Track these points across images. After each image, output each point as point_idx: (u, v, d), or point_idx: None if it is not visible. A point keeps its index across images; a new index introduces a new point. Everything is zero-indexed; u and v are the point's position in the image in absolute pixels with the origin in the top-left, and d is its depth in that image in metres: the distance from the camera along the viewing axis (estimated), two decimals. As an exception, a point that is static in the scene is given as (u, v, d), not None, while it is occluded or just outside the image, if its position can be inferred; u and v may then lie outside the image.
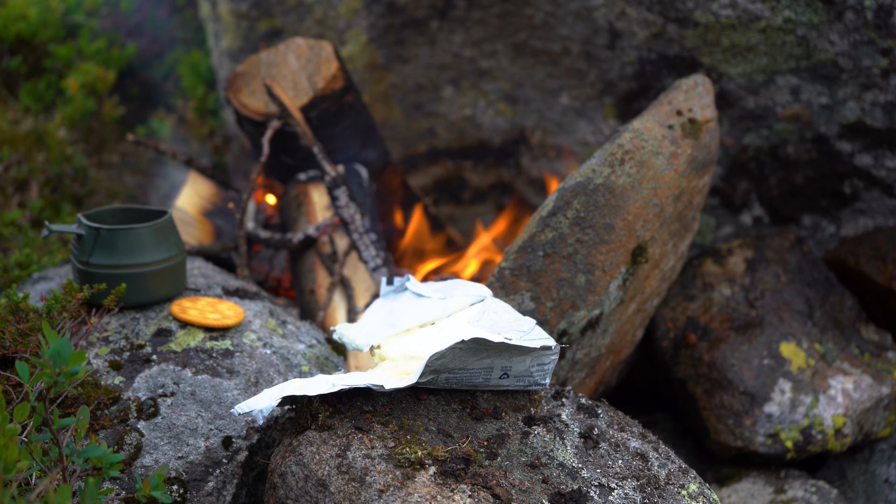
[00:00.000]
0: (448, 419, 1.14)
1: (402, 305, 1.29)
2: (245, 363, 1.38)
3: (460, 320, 1.24)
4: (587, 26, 2.06)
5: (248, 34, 2.33)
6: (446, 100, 2.32)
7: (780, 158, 2.06)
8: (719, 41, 1.93)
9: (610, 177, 1.48)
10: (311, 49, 1.96)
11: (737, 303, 1.88)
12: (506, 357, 1.14)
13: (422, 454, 1.07)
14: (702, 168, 1.66)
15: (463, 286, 1.32)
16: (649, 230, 1.55)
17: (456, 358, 1.11)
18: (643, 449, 1.17)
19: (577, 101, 2.20)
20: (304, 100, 1.91)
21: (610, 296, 1.53)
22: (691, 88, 1.67)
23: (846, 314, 1.93)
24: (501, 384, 1.18)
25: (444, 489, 1.04)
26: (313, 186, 1.96)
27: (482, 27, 2.17)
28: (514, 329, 1.20)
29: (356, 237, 1.86)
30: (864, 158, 1.99)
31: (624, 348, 1.76)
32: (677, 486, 1.13)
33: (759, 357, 1.80)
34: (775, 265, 1.94)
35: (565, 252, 1.46)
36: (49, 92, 2.57)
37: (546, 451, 1.13)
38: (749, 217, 2.18)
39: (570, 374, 1.57)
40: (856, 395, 1.79)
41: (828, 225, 2.13)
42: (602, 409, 1.24)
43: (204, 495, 1.22)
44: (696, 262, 1.96)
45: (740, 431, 1.75)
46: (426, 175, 2.44)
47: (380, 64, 2.29)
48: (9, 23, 2.56)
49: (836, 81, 1.90)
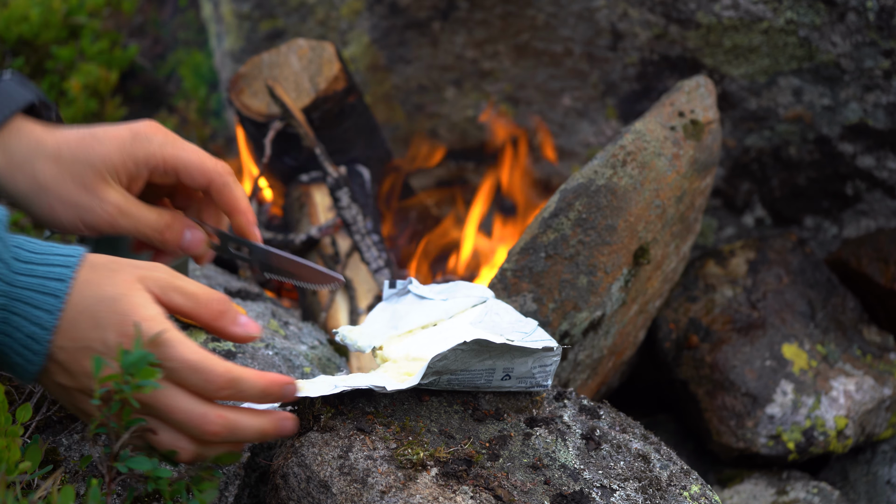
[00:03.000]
0: (450, 420, 1.15)
1: (404, 308, 1.29)
2: (247, 364, 1.38)
3: (462, 322, 1.24)
4: (589, 27, 2.06)
5: (250, 35, 2.33)
6: (448, 101, 2.32)
7: (782, 160, 2.06)
8: (721, 42, 1.93)
9: (612, 178, 1.48)
10: (313, 50, 1.96)
11: (739, 304, 1.88)
12: (507, 358, 1.14)
13: (424, 455, 1.07)
14: (704, 169, 1.66)
15: (465, 287, 1.32)
16: (651, 231, 1.55)
17: (458, 359, 1.11)
18: (645, 450, 1.17)
19: (579, 103, 2.20)
20: (307, 101, 1.91)
21: (612, 297, 1.53)
22: (693, 90, 1.67)
23: (848, 315, 1.93)
24: (503, 385, 1.18)
25: (446, 490, 1.04)
26: (315, 187, 1.96)
27: (484, 28, 2.17)
28: (516, 330, 1.20)
29: (358, 238, 1.87)
30: (866, 160, 1.99)
31: (626, 350, 1.76)
32: (679, 487, 1.13)
33: (761, 358, 1.80)
34: (777, 266, 1.94)
35: (567, 253, 1.46)
36: (51, 93, 2.57)
37: (548, 453, 1.13)
38: (751, 218, 2.18)
39: (572, 376, 1.57)
40: (858, 396, 1.79)
41: (830, 226, 2.13)
42: (604, 410, 1.24)
43: (206, 496, 1.21)
44: (698, 264, 1.96)
45: (742, 433, 1.75)
46: (428, 176, 2.44)
47: (382, 65, 2.29)
48: (11, 24, 2.57)
49: (839, 83, 1.90)
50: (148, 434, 0.94)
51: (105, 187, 1.07)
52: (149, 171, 1.11)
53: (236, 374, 0.95)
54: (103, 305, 0.92)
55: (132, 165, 1.09)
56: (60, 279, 0.91)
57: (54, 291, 0.91)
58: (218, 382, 0.94)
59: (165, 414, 0.93)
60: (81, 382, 0.92)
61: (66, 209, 1.07)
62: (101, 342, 0.91)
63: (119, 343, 0.90)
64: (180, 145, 1.12)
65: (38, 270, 0.92)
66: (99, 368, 0.88)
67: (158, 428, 0.94)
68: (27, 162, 1.06)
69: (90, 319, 0.91)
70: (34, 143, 1.07)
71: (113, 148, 1.08)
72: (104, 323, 0.91)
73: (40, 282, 0.91)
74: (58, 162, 1.06)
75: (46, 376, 0.94)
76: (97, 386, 0.88)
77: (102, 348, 0.91)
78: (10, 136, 1.06)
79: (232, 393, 0.95)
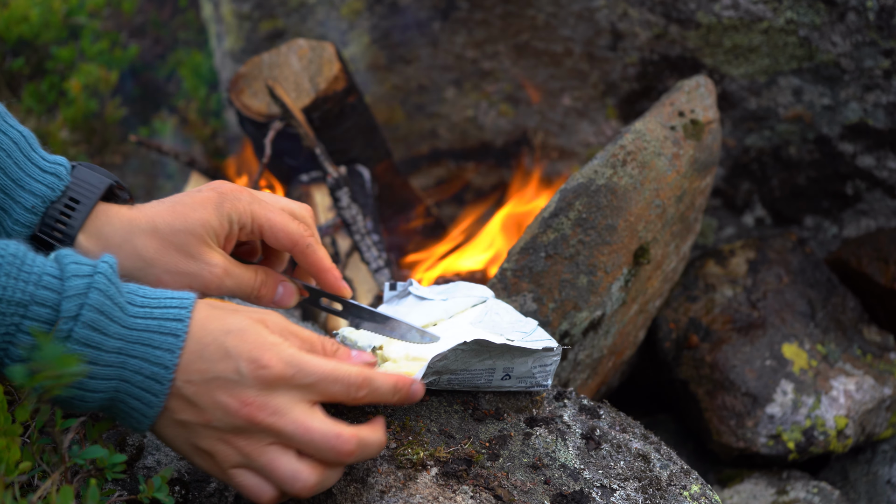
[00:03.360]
0: (450, 420, 1.15)
1: (405, 309, 1.29)
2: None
3: (462, 322, 1.24)
4: (589, 27, 2.06)
5: (250, 35, 2.33)
6: (448, 101, 2.32)
7: (782, 159, 2.06)
8: (721, 42, 1.92)
9: (612, 178, 1.48)
10: (313, 50, 1.96)
11: (739, 304, 1.88)
12: (507, 358, 1.14)
13: (424, 455, 1.07)
14: (704, 169, 1.66)
15: (465, 287, 1.32)
16: (651, 231, 1.55)
17: (458, 359, 1.11)
18: (645, 450, 1.17)
19: (580, 102, 2.20)
20: (307, 101, 1.91)
21: (612, 297, 1.53)
22: (693, 90, 1.67)
23: (848, 315, 1.93)
24: (503, 385, 1.18)
25: (446, 490, 1.04)
26: (315, 187, 1.96)
27: (484, 28, 2.17)
28: (516, 330, 1.20)
29: (358, 238, 1.87)
30: (866, 159, 1.99)
31: (626, 349, 1.76)
32: (679, 486, 1.13)
33: (761, 358, 1.80)
34: (777, 266, 1.94)
35: (567, 253, 1.46)
36: (51, 93, 2.57)
37: (548, 453, 1.13)
38: (751, 218, 2.18)
39: (572, 375, 1.57)
40: (858, 396, 1.78)
41: (830, 226, 2.13)
42: (604, 410, 1.24)
43: (206, 496, 1.22)
44: (698, 263, 1.95)
45: (742, 432, 1.75)
46: (428, 176, 2.44)
47: (382, 65, 2.29)
48: (11, 24, 2.57)
49: (838, 82, 1.90)
50: (269, 461, 0.96)
51: (209, 251, 1.10)
52: (239, 229, 1.14)
53: (368, 374, 0.99)
54: (231, 336, 0.94)
55: (227, 225, 1.12)
56: (178, 319, 0.94)
57: (174, 331, 0.93)
58: (357, 383, 0.97)
59: (300, 435, 0.95)
60: (210, 416, 0.93)
61: (175, 279, 1.09)
62: (235, 371, 0.93)
63: (252, 370, 0.93)
64: (265, 205, 1.15)
65: (155, 313, 0.94)
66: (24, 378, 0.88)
67: (279, 458, 0.95)
68: (126, 242, 1.08)
69: (218, 350, 0.93)
70: (126, 223, 1.09)
71: (208, 212, 1.11)
72: (234, 353, 0.93)
73: (158, 323, 0.93)
74: (156, 236, 1.09)
75: (165, 417, 0.95)
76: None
77: (236, 377, 0.93)
78: (98, 222, 1.09)
79: (368, 391, 0.98)
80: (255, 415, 0.93)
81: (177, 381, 0.93)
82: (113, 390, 0.93)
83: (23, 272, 0.89)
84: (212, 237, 1.11)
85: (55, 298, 0.89)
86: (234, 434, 0.94)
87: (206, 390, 0.93)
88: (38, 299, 0.89)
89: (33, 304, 0.89)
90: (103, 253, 1.04)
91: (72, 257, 0.92)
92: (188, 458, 0.98)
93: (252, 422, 0.93)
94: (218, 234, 1.11)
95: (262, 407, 0.93)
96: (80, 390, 0.91)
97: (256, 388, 0.93)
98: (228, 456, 0.95)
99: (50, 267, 0.91)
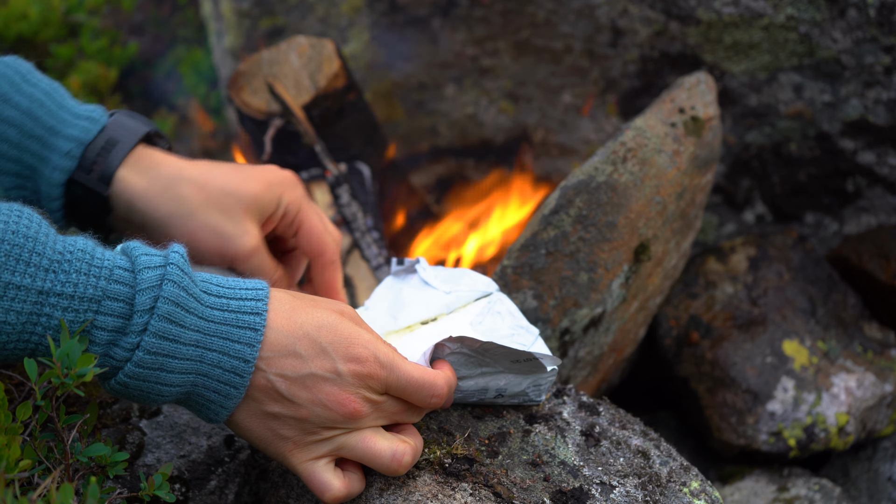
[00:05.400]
0: (449, 417, 1.14)
1: (407, 294, 1.27)
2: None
3: (462, 321, 1.23)
4: (589, 24, 2.06)
5: (250, 32, 2.33)
6: (448, 98, 2.32)
7: (782, 156, 2.06)
8: (721, 39, 1.92)
9: (612, 175, 1.48)
10: (312, 47, 1.96)
11: (739, 301, 1.88)
12: (502, 377, 1.14)
13: (423, 453, 1.07)
14: (704, 166, 1.66)
15: (469, 278, 1.30)
16: (652, 228, 1.55)
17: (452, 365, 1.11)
18: (645, 447, 1.17)
19: (580, 99, 2.20)
20: (306, 98, 1.91)
21: (612, 294, 1.53)
22: (694, 86, 1.67)
23: (849, 312, 1.93)
24: (496, 402, 1.18)
25: (446, 488, 1.04)
26: (315, 185, 1.96)
27: (484, 25, 2.17)
28: (515, 342, 1.18)
29: (358, 235, 1.87)
30: (866, 156, 1.99)
31: (626, 346, 1.76)
32: (679, 483, 1.13)
33: (761, 355, 1.80)
34: (778, 263, 1.93)
35: (568, 250, 1.46)
36: (51, 91, 2.57)
37: (547, 449, 1.13)
38: (752, 215, 2.18)
39: (572, 373, 1.57)
40: (859, 392, 1.78)
41: (831, 223, 2.13)
42: (603, 407, 1.24)
43: (206, 494, 1.22)
44: (698, 260, 1.95)
45: (743, 429, 1.75)
46: (428, 173, 2.44)
47: (382, 62, 2.29)
48: (10, 22, 2.56)
49: (839, 79, 1.90)
50: (366, 439, 0.98)
51: (251, 222, 1.10)
52: (282, 215, 1.14)
53: (451, 382, 1.04)
54: (325, 332, 0.94)
55: (275, 207, 1.12)
56: (255, 312, 0.92)
57: (252, 325, 0.92)
58: (440, 394, 1.01)
59: (396, 392, 0.98)
60: (307, 412, 0.93)
61: (209, 236, 1.08)
62: (333, 370, 0.93)
63: (349, 369, 0.94)
64: (313, 206, 1.17)
65: (231, 305, 0.92)
66: (34, 373, 0.87)
67: (374, 436, 0.98)
68: (172, 186, 1.07)
69: (313, 346, 0.93)
70: (175, 169, 1.08)
71: (261, 187, 1.11)
72: (331, 350, 0.93)
73: (235, 316, 0.92)
74: (204, 189, 1.08)
75: (248, 408, 0.94)
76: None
77: (333, 376, 0.93)
78: (144, 162, 1.08)
79: (439, 400, 1.03)
80: (359, 410, 0.94)
81: (268, 373, 0.92)
82: (190, 384, 0.91)
83: (93, 267, 0.86)
84: (256, 212, 1.10)
85: (128, 292, 0.87)
86: (328, 428, 0.95)
87: (302, 386, 0.92)
88: (110, 294, 0.86)
89: (106, 300, 0.86)
90: (148, 190, 1.03)
91: (141, 249, 0.90)
92: (264, 446, 0.98)
93: (351, 417, 0.94)
94: (263, 211, 1.11)
95: (363, 403, 0.95)
96: (158, 384, 0.90)
97: (354, 385, 0.94)
98: (314, 449, 0.96)
99: (120, 260, 0.89)
